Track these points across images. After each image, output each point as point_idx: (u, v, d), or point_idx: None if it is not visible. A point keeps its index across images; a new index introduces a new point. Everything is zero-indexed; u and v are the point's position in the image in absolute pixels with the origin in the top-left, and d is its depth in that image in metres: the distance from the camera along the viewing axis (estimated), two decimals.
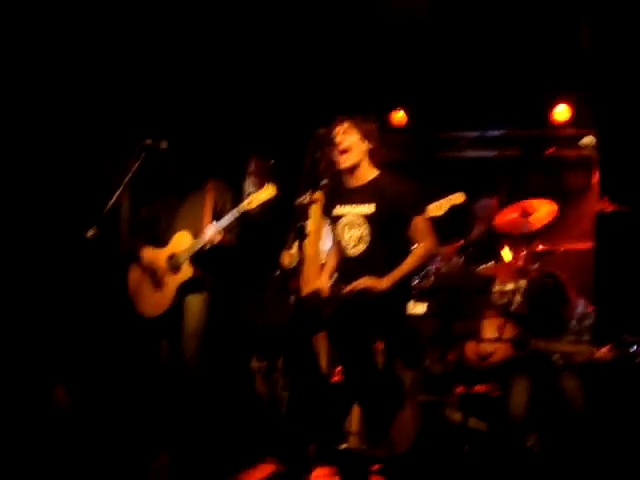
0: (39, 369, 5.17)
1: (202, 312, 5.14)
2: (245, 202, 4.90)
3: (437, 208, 5.73)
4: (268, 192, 4.88)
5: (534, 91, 7.27)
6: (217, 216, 5.09)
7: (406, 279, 4.50)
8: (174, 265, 5.08)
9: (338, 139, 4.50)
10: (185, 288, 5.08)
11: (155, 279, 5.16)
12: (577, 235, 6.65)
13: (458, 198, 5.75)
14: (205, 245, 4.98)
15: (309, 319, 4.32)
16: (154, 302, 5.17)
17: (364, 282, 4.27)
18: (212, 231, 4.94)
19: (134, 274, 5.29)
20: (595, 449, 4.89)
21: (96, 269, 5.72)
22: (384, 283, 4.29)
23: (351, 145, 4.49)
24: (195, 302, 5.12)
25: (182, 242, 5.09)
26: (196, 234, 5.06)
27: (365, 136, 4.53)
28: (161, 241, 5.21)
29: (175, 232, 5.16)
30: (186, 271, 5.04)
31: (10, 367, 5.16)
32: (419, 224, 4.42)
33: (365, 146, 4.52)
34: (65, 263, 5.54)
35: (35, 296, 5.46)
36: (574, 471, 4.80)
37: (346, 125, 4.51)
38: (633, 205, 2.75)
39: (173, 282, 5.08)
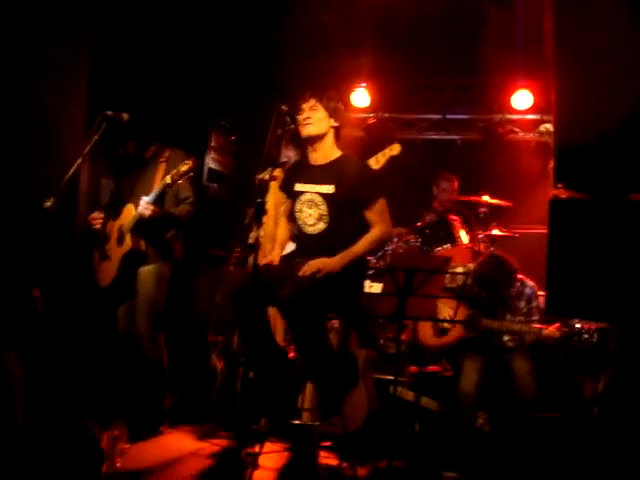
0: None
1: (151, 284, 5.12)
2: (168, 176, 4.84)
3: (375, 161, 5.77)
4: (188, 165, 4.82)
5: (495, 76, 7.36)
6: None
7: (361, 259, 4.54)
8: (119, 236, 5.11)
9: (304, 115, 4.50)
10: (127, 259, 5.06)
11: (106, 250, 5.20)
12: (533, 220, 6.75)
13: (394, 149, 5.77)
14: (138, 217, 4.96)
15: (262, 291, 4.31)
16: (104, 271, 5.21)
17: (315, 264, 4.28)
18: (142, 204, 4.91)
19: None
20: (544, 430, 4.99)
21: (53, 239, 5.67)
22: (335, 264, 4.31)
23: (317, 120, 4.50)
24: (144, 274, 5.12)
25: (129, 214, 5.08)
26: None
27: (331, 114, 4.53)
28: (118, 212, 5.21)
29: (126, 204, 5.15)
30: (127, 242, 5.05)
31: None
32: (375, 208, 4.45)
33: (331, 123, 4.54)
34: (23, 233, 5.47)
35: None
36: (523, 452, 4.89)
37: (312, 102, 4.52)
38: (589, 192, 2.79)
39: (117, 253, 5.11)
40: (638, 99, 2.68)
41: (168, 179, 4.84)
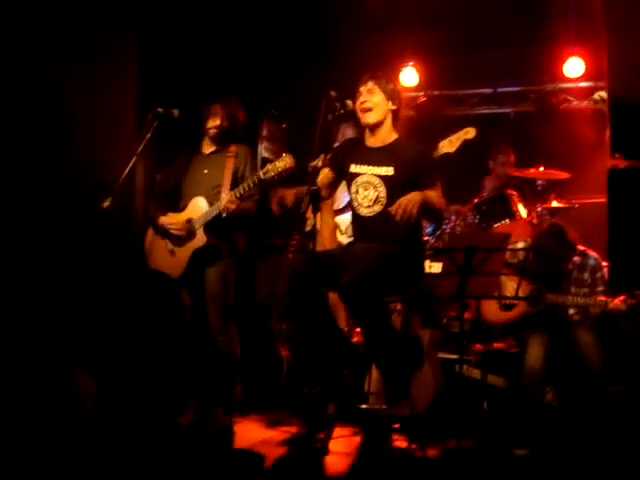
0: (59, 352, 5.17)
1: (220, 281, 5.08)
2: (261, 172, 4.84)
3: (449, 144, 5.67)
4: (286, 162, 4.79)
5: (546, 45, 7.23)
6: (237, 182, 5.07)
7: (420, 237, 4.54)
8: (189, 231, 5.06)
9: (362, 98, 4.48)
10: (199, 255, 5.04)
11: (170, 244, 5.15)
12: (592, 190, 6.64)
13: (469, 133, 5.69)
14: (221, 213, 4.94)
15: (321, 276, 4.31)
16: (169, 267, 5.16)
17: (402, 204, 4.16)
18: (227, 199, 4.90)
19: (150, 239, 5.29)
20: (610, 404, 4.93)
21: (113, 240, 5.72)
22: (419, 195, 4.21)
23: (376, 105, 4.48)
24: (213, 272, 5.07)
25: (199, 208, 5.05)
26: (213, 200, 5.03)
27: (389, 97, 4.51)
28: (179, 206, 5.19)
29: (192, 197, 5.13)
30: (200, 238, 5.02)
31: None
32: (434, 190, 4.41)
33: (389, 106, 4.52)
34: (82, 235, 5.52)
35: (53, 272, 5.45)
36: (592, 426, 4.84)
37: (370, 85, 4.49)
38: None
39: (187, 248, 5.07)
40: None
41: (261, 174, 4.83)
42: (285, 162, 4.80)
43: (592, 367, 4.94)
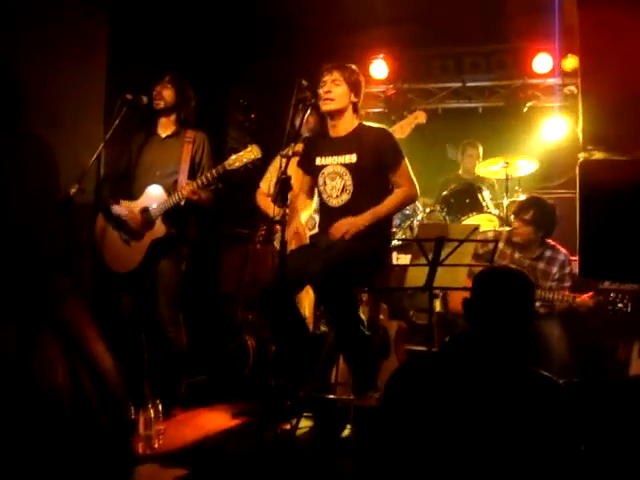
0: None
1: (174, 272, 4.98)
2: (227, 162, 4.75)
3: (400, 129, 5.69)
4: (252, 153, 4.75)
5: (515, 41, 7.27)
6: (194, 168, 4.98)
7: (387, 229, 4.54)
8: (146, 221, 4.91)
9: (326, 88, 4.48)
10: (157, 245, 4.92)
11: (125, 234, 5.00)
12: (559, 184, 6.70)
13: (420, 117, 5.70)
14: (180, 201, 4.83)
15: (294, 277, 4.30)
16: (124, 259, 5.01)
17: (342, 225, 4.28)
18: (188, 189, 4.79)
19: (101, 227, 5.10)
20: (577, 395, 4.96)
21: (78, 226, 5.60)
22: (360, 221, 4.30)
23: (339, 95, 4.48)
24: (168, 262, 4.96)
25: (155, 196, 4.91)
26: (169, 187, 4.91)
27: (352, 89, 4.52)
28: (133, 192, 5.03)
29: (147, 183, 4.96)
30: (159, 228, 4.88)
31: None
32: (399, 170, 4.44)
33: (352, 98, 4.52)
34: (48, 221, 5.39)
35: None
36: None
37: (335, 75, 4.49)
38: (618, 152, 2.75)
39: (145, 239, 4.93)
40: None
41: (226, 165, 4.73)
42: (251, 153, 4.75)
43: (558, 359, 4.98)
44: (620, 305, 4.94)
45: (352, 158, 4.46)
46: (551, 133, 7.39)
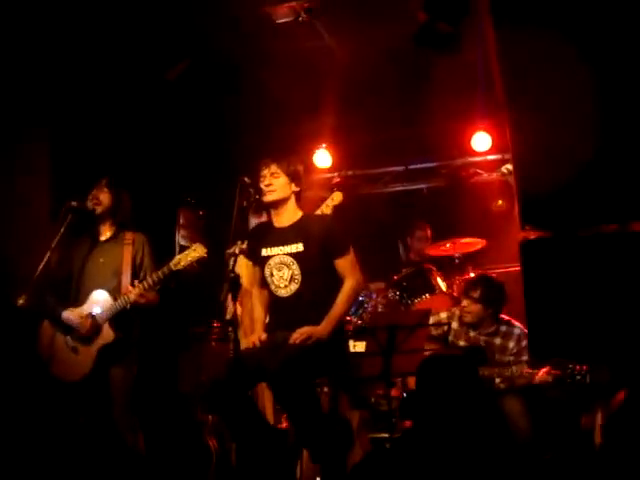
0: None
1: (127, 376, 4.91)
2: (172, 263, 4.76)
3: (326, 208, 5.70)
4: (196, 252, 4.76)
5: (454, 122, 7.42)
6: (136, 270, 4.97)
7: (342, 320, 4.53)
8: (94, 327, 4.84)
9: (266, 182, 4.51)
10: (107, 350, 4.84)
11: (72, 341, 4.91)
12: (508, 259, 6.77)
13: (336, 198, 5.73)
14: (127, 305, 4.80)
15: (248, 374, 4.27)
16: (72, 367, 4.90)
17: (305, 331, 4.27)
18: (135, 292, 4.77)
19: (46, 335, 4.98)
20: (541, 470, 4.93)
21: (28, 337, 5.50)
22: (323, 330, 4.30)
23: (279, 187, 4.52)
24: (119, 367, 4.89)
25: (100, 301, 4.86)
26: (113, 291, 4.88)
27: (292, 179, 4.56)
28: (76, 298, 4.98)
29: (90, 288, 4.93)
30: (107, 334, 4.83)
31: None
32: (345, 258, 4.47)
33: (292, 188, 4.56)
34: None
35: None
36: None
37: (273, 168, 4.53)
38: (556, 230, 2.79)
39: (93, 346, 4.85)
40: (591, 135, 2.71)
41: (172, 266, 4.73)
42: (196, 252, 4.76)
43: (521, 435, 4.96)
44: (578, 377, 4.95)
45: (299, 247, 4.47)
46: (497, 207, 7.51)
